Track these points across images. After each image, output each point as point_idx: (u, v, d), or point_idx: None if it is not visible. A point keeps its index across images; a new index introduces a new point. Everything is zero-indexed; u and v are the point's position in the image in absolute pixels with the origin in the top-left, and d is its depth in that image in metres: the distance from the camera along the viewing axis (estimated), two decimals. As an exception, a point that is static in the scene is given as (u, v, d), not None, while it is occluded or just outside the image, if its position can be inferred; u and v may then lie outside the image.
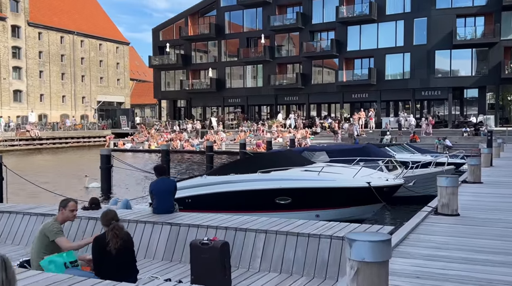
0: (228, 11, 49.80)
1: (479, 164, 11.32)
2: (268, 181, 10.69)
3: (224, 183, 11.06)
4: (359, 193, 10.22)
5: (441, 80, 40.00)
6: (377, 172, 11.43)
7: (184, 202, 11.46)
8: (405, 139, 33.42)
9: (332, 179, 10.37)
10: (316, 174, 10.56)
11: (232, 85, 50.23)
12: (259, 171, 10.99)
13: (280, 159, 11.89)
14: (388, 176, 11.25)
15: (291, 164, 11.39)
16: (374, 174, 10.97)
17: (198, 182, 11.58)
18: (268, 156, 13.31)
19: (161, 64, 52.70)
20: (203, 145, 36.65)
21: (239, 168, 11.50)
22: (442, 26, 39.19)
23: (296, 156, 12.37)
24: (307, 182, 10.42)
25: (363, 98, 44.12)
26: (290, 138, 30.42)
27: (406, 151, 19.62)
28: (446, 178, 7.43)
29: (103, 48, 66.69)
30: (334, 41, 43.57)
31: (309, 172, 10.85)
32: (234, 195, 10.91)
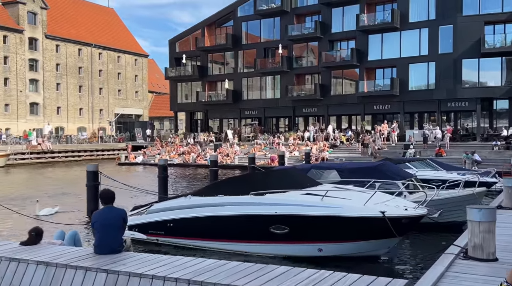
0: (245, 21, 48.61)
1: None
2: (261, 206, 9.00)
3: (211, 206, 9.43)
4: (370, 224, 8.41)
5: (469, 91, 37.70)
6: (395, 198, 9.52)
7: (166, 227, 9.86)
8: (430, 153, 31.35)
9: (338, 205, 8.59)
10: (319, 199, 8.81)
11: (249, 96, 48.82)
12: (252, 192, 9.27)
13: (279, 179, 10.14)
14: (408, 203, 9.37)
15: (291, 185, 9.66)
16: (391, 201, 9.11)
17: (182, 203, 9.97)
18: (264, 175, 11.24)
19: (178, 76, 51.74)
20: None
21: (229, 188, 9.79)
22: (469, 33, 37.01)
23: (299, 176, 10.60)
24: (307, 208, 8.67)
25: (386, 110, 42.06)
26: (305, 152, 28.62)
27: (429, 167, 17.64)
28: (479, 210, 5.62)
29: (122, 61, 66.31)
30: (355, 51, 41.77)
31: (311, 195, 9.10)
32: (221, 220, 9.27)
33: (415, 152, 30.97)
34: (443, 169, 17.88)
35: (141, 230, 10.29)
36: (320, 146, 36.67)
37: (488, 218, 5.58)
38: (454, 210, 11.33)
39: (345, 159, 31.59)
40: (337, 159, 31.07)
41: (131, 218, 10.56)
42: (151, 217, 10.28)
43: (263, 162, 32.53)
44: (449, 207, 11.28)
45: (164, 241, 10.07)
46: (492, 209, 5.73)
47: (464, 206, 11.74)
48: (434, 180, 16.18)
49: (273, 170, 10.91)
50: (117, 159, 39.05)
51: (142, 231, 10.28)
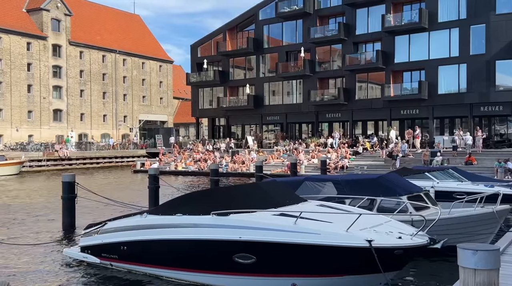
0: (267, 25, 47.28)
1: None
2: (223, 229, 7.46)
3: (166, 227, 7.97)
4: (354, 256, 6.76)
5: (503, 94, 35.07)
6: (390, 220, 7.76)
7: (119, 250, 8.49)
8: (459, 161, 29.06)
9: (314, 231, 6.93)
10: (293, 222, 7.19)
11: (271, 102, 47.37)
12: (213, 212, 7.72)
13: (249, 195, 8.44)
14: (406, 227, 7.59)
15: (265, 203, 8.07)
16: (385, 225, 7.40)
17: (136, 222, 8.51)
18: (230, 190, 9.42)
19: (199, 81, 50.82)
20: (229, 166, 33.89)
21: (189, 206, 8.15)
22: (503, 33, 34.48)
23: (277, 191, 8.89)
24: (277, 233, 7.07)
25: (413, 115, 39.76)
26: (321, 159, 26.87)
27: (452, 178, 15.67)
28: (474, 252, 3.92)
29: (146, 67, 66.11)
30: (380, 53, 39.73)
31: (285, 217, 7.43)
32: (178, 245, 7.82)
33: (442, 160, 28.77)
34: (469, 179, 15.87)
35: (94, 252, 8.95)
36: (342, 153, 34.81)
37: (487, 265, 3.81)
38: (469, 232, 9.52)
39: (366, 167, 29.77)
40: (356, 167, 29.22)
41: (84, 238, 9.24)
42: (104, 237, 8.87)
43: (280, 170, 31.01)
44: (462, 228, 9.48)
45: (118, 266, 8.68)
46: (495, 250, 3.90)
47: (482, 228, 9.97)
48: (457, 192, 14.33)
49: (244, 184, 9.23)
50: (132, 166, 38.28)
51: (95, 253, 8.94)
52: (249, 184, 9.28)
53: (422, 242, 6.85)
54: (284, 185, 10.14)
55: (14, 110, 50.89)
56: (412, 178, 15.23)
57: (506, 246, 6.37)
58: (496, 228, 9.77)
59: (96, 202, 13.73)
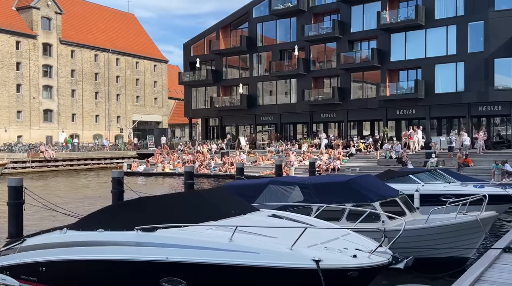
0: (261, 22, 46.15)
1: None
2: (148, 248, 6.30)
3: (86, 245, 6.78)
4: (297, 279, 5.61)
5: (502, 93, 33.85)
6: (350, 233, 6.55)
7: (38, 271, 7.31)
8: (455, 163, 27.87)
9: (252, 249, 5.77)
10: (227, 238, 6.04)
11: (264, 102, 46.22)
12: (138, 227, 6.49)
13: (182, 205, 7.25)
14: (367, 242, 6.38)
15: (201, 214, 6.88)
16: (341, 239, 6.21)
17: (56, 239, 7.28)
18: (163, 199, 7.81)
19: (192, 80, 49.73)
20: (219, 167, 32.76)
21: (112, 220, 6.98)
22: (502, 30, 33.28)
23: (225, 199, 7.69)
24: (210, 252, 5.95)
25: (410, 115, 38.57)
26: (310, 161, 25.69)
27: (440, 179, 14.52)
28: None
29: (140, 66, 65.03)
30: (376, 51, 38.55)
31: (222, 232, 6.26)
32: (98, 267, 6.64)
33: (438, 161, 27.56)
34: (458, 180, 14.70)
35: (13, 274, 7.70)
36: (335, 154, 33.62)
37: None
38: (449, 242, 8.35)
39: (359, 169, 28.59)
40: (348, 169, 28.04)
41: (2, 257, 7.97)
42: (21, 256, 7.61)
43: (269, 172, 29.83)
44: (440, 240, 8.31)
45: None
46: None
47: (463, 239, 8.78)
48: (443, 195, 13.18)
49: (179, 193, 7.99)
50: (119, 168, 37.09)
51: (14, 275, 7.69)
52: (185, 192, 8.06)
53: (382, 261, 5.66)
54: (242, 190, 8.98)
55: (3, 111, 49.83)
56: (397, 180, 14.16)
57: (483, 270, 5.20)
58: (479, 238, 8.58)
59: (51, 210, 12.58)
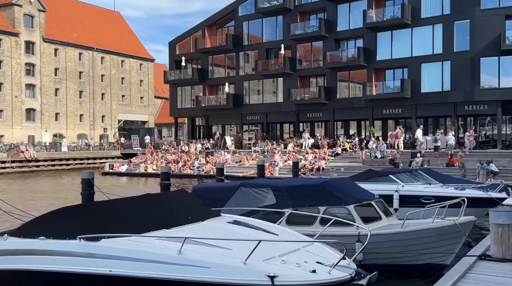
0: (247, 21, 45.66)
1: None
2: (91, 259, 5.80)
3: (27, 254, 6.19)
4: None
5: (488, 93, 33.71)
6: (313, 244, 5.96)
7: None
8: (440, 162, 27.65)
9: (202, 263, 5.28)
10: (176, 250, 5.52)
11: (251, 101, 45.75)
12: (80, 236, 6.00)
13: (136, 211, 6.59)
14: (330, 254, 5.87)
15: (155, 221, 6.35)
16: (301, 250, 5.67)
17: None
18: (110, 205, 7.19)
19: (177, 79, 49.11)
20: (203, 168, 32.22)
21: (55, 226, 6.36)
22: (488, 29, 33.10)
23: (183, 204, 7.09)
24: (157, 266, 5.43)
25: (396, 114, 38.33)
26: (294, 161, 25.26)
27: (421, 180, 14.13)
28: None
29: (126, 65, 64.15)
30: (362, 50, 38.26)
31: (173, 242, 5.73)
32: (37, 278, 6.08)
33: (423, 161, 27.29)
34: (440, 181, 14.33)
35: None
36: (321, 154, 33.25)
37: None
38: (426, 248, 7.92)
39: (343, 169, 28.24)
40: (332, 168, 27.66)
41: None
42: None
43: (254, 172, 29.34)
44: (416, 245, 7.88)
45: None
46: None
47: (441, 244, 8.36)
48: (423, 197, 12.84)
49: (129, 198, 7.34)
50: (100, 168, 36.43)
51: None
52: (137, 196, 7.44)
53: (343, 277, 5.16)
54: (213, 192, 8.47)
55: (-16, 110, 48.85)
56: (377, 180, 13.81)
57: (456, 280, 4.76)
58: (458, 244, 8.16)
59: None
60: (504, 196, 13.16)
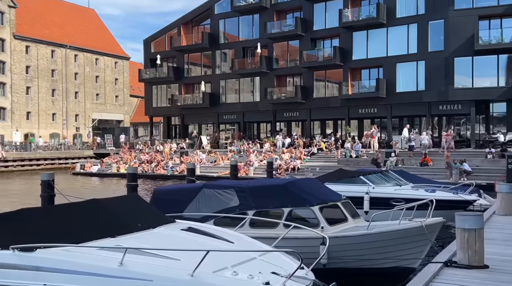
0: (223, 19, 45.20)
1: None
2: (25, 271, 5.31)
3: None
4: None
5: (462, 93, 33.98)
6: (270, 252, 5.62)
7: None
8: (414, 162, 27.70)
9: (144, 276, 4.84)
10: (117, 261, 5.05)
11: (227, 100, 45.33)
12: (13, 246, 5.50)
13: (78, 218, 6.10)
14: (287, 264, 5.43)
15: (98, 229, 5.89)
16: (257, 259, 5.29)
17: None
18: (48, 211, 6.75)
19: (152, 78, 48.34)
20: (177, 168, 31.66)
21: None
22: (462, 29, 33.36)
23: (132, 209, 6.63)
24: (96, 280, 5.00)
25: (372, 114, 38.38)
26: (268, 160, 24.96)
27: (392, 181, 13.95)
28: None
29: (100, 63, 62.92)
30: (338, 49, 38.19)
31: (116, 252, 5.25)
32: None
33: (397, 160, 27.29)
34: (410, 182, 14.18)
35: None
36: (296, 154, 33.04)
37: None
38: (392, 251, 7.67)
39: (319, 169, 28.04)
40: (307, 168, 27.45)
41: None
42: None
43: (228, 172, 28.89)
44: (382, 248, 7.62)
45: None
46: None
47: (407, 247, 8.12)
48: (394, 199, 12.65)
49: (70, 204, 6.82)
50: (71, 168, 35.50)
51: None
52: (82, 202, 6.94)
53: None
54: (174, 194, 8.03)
55: (-49, 108, 47.23)
56: (347, 182, 13.59)
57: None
58: (425, 247, 7.91)
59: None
60: (475, 198, 13.08)
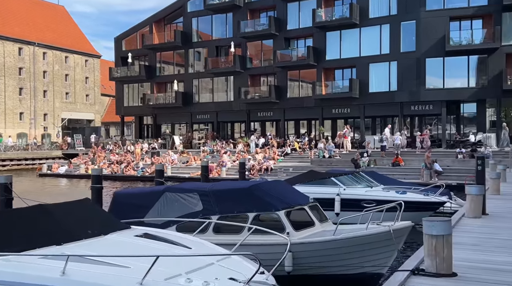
0: (196, 17, 44.59)
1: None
2: None
3: None
4: None
5: (433, 93, 34.26)
6: (230, 257, 5.25)
7: None
8: (386, 162, 27.72)
9: (90, 285, 4.44)
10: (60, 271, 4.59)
11: (201, 99, 44.72)
12: None
13: (24, 223, 5.59)
14: (246, 269, 5.01)
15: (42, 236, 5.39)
16: (215, 265, 4.86)
17: None
18: None
19: (124, 76, 47.36)
20: (148, 169, 30.95)
21: None
22: (433, 30, 33.63)
23: (83, 214, 6.13)
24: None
25: (345, 114, 38.38)
26: (240, 161, 24.57)
27: (363, 183, 13.75)
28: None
29: (70, 61, 61.38)
30: (312, 49, 38.06)
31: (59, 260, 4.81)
32: None
33: (369, 161, 27.23)
34: (382, 183, 14.00)
35: None
36: (270, 154, 32.72)
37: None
38: (359, 257, 7.37)
39: (292, 169, 27.77)
40: (280, 169, 27.16)
41: None
42: None
43: (199, 173, 28.36)
44: (350, 252, 7.31)
45: None
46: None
47: (375, 253, 7.83)
48: (364, 200, 12.42)
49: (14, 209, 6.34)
50: (37, 169, 34.39)
51: None
52: (26, 207, 6.43)
53: None
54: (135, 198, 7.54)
55: None
56: (318, 183, 13.34)
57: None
58: (393, 252, 7.63)
59: None
60: (445, 199, 12.97)
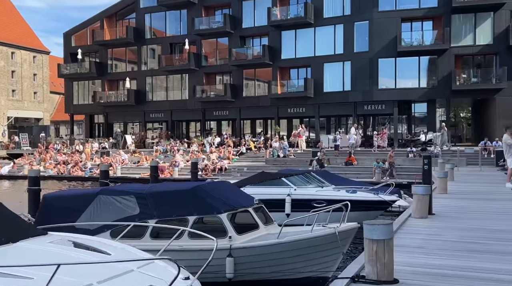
0: (149, 13, 43.47)
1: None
2: None
3: None
4: None
5: (386, 93, 34.76)
6: (153, 262, 4.68)
7: None
8: (340, 161, 27.83)
9: None
10: None
11: (154, 97, 43.64)
12: None
13: None
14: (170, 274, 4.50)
15: None
16: (135, 271, 4.32)
17: None
18: None
19: (73, 73, 45.60)
20: (96, 169, 29.76)
21: None
22: (385, 31, 34.11)
23: None
24: None
25: (300, 113, 38.40)
26: (193, 161, 23.95)
27: (313, 183, 13.54)
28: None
29: (16, 57, 58.65)
30: (267, 48, 37.84)
31: None
32: None
33: (323, 160, 27.19)
34: (333, 183, 13.85)
35: None
36: (225, 153, 32.23)
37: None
38: (304, 260, 7.05)
39: (246, 169, 27.42)
40: (234, 168, 26.75)
41: None
42: None
43: (148, 174, 27.52)
44: (294, 256, 6.98)
45: None
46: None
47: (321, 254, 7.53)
48: (315, 201, 12.16)
49: None
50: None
51: None
52: None
53: None
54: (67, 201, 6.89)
55: None
56: (270, 184, 13.05)
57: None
58: (339, 255, 7.35)
59: None
60: (394, 198, 12.95)
